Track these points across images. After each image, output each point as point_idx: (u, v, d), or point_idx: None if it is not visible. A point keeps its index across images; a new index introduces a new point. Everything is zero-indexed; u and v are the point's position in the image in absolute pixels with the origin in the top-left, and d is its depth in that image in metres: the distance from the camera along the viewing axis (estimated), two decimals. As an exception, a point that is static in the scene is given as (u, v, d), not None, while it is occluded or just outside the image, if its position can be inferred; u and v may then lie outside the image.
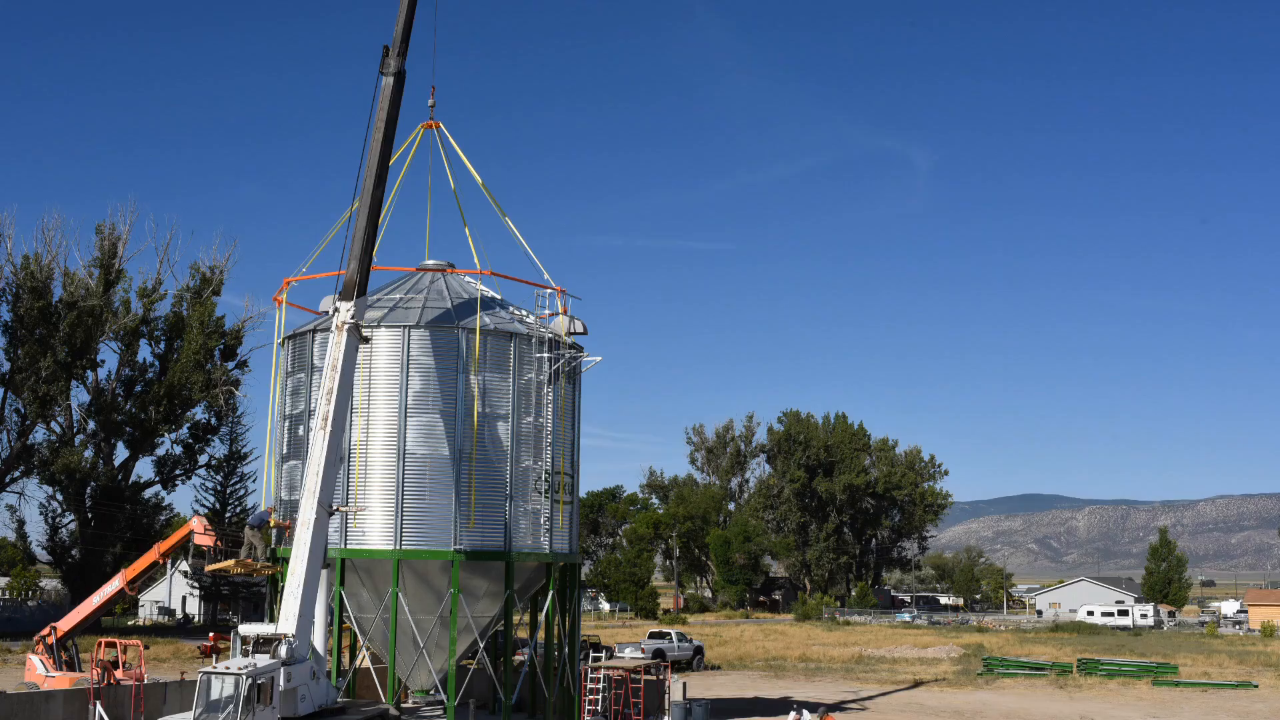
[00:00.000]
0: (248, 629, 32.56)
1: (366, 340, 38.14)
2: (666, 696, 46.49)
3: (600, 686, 44.14)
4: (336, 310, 36.75)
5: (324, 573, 35.13)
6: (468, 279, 44.44)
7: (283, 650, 31.08)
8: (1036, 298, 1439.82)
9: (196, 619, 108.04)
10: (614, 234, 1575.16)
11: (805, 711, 43.26)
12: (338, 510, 36.28)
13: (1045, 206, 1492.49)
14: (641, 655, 60.54)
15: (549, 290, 44.07)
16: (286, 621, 32.29)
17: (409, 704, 43.12)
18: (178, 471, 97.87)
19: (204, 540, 41.48)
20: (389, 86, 38.30)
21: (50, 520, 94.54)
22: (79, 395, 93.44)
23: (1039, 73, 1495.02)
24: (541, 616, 43.28)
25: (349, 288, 36.91)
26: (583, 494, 50.49)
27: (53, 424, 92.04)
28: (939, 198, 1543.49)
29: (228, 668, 30.09)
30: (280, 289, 43.32)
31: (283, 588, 34.15)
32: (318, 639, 34.21)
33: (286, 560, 35.13)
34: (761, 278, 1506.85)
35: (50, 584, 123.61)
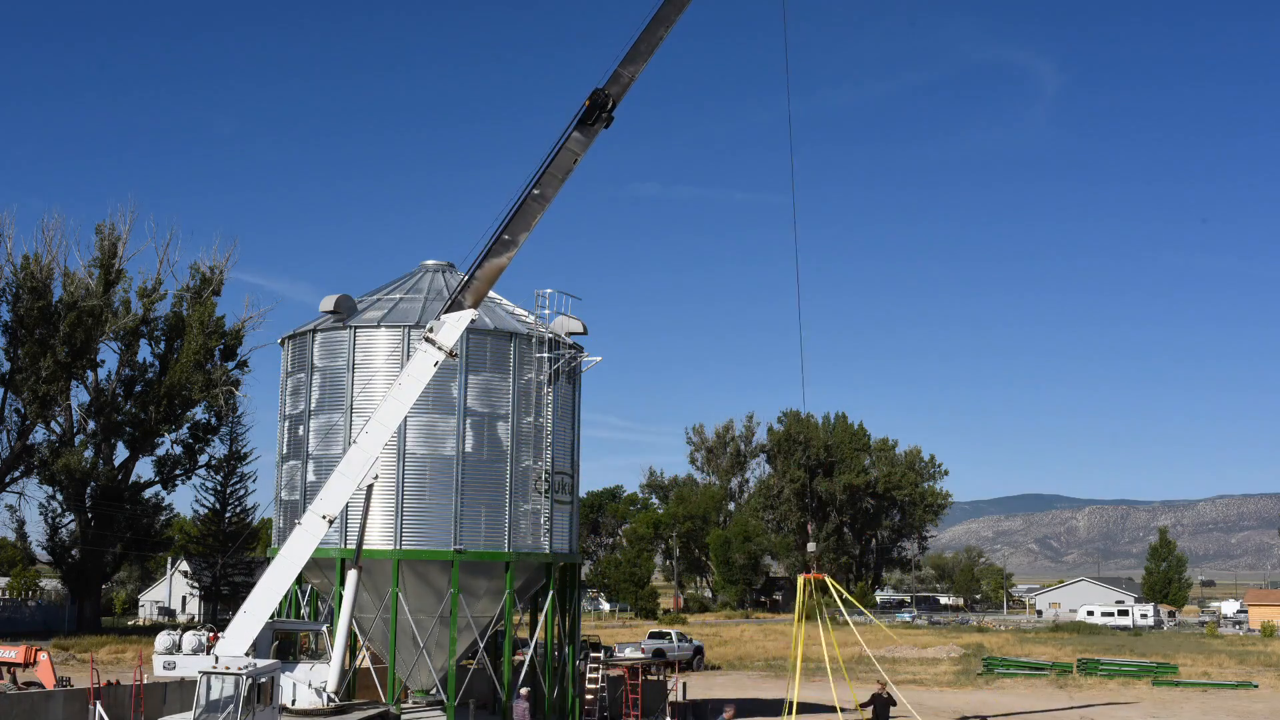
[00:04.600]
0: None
1: (451, 354, 34.59)
2: (666, 697, 46.50)
3: (600, 686, 44.12)
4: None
5: (351, 574, 35.12)
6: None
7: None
8: (1036, 297, 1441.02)
9: (196, 619, 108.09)
10: (651, 179, 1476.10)
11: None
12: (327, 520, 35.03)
13: (1048, 206, 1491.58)
14: (641, 655, 60.52)
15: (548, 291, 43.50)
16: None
17: (409, 704, 43.10)
18: (178, 472, 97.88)
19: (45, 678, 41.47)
20: None
21: (50, 520, 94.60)
22: (79, 395, 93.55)
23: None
24: (541, 616, 43.28)
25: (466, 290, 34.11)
26: (583, 494, 50.46)
27: (53, 424, 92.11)
28: (941, 186, 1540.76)
29: (228, 668, 30.09)
30: None
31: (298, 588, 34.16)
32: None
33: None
34: (763, 279, 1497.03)
35: (50, 584, 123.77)
